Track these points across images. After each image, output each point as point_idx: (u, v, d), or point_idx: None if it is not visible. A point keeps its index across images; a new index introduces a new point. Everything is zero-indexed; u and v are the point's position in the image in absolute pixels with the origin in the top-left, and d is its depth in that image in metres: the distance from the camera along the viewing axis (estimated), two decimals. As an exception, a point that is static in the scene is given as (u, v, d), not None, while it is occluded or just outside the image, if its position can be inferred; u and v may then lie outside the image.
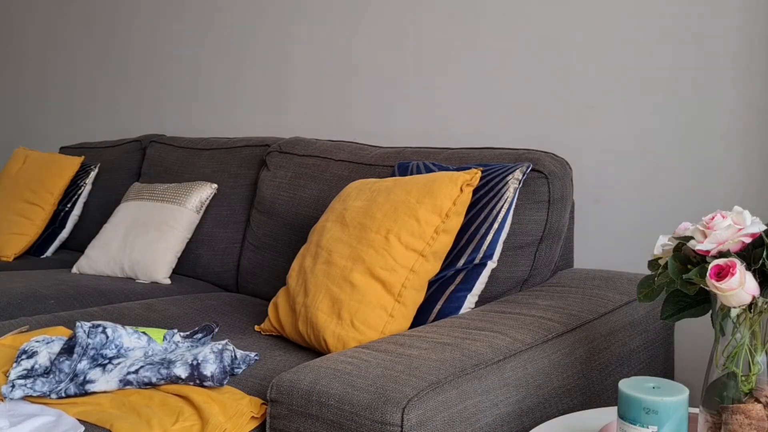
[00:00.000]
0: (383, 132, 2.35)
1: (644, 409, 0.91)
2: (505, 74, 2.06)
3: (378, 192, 1.57)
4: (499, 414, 1.16)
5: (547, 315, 1.40)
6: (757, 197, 1.68)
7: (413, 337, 1.28)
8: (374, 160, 1.96)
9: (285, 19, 2.63)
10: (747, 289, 0.92)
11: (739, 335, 0.96)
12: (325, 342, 1.44)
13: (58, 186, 2.79)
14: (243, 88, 2.80)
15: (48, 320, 1.71)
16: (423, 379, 1.09)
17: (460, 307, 1.49)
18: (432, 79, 2.22)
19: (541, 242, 1.63)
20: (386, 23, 2.33)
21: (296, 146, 2.18)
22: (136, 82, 3.25)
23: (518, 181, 1.56)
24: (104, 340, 1.37)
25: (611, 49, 1.87)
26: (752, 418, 0.93)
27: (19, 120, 3.91)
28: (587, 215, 1.93)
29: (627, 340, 1.47)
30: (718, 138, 1.73)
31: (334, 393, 1.10)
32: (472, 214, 1.55)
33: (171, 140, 2.67)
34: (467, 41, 2.13)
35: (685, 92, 1.77)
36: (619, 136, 1.87)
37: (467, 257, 1.52)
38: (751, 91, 1.68)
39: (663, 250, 1.07)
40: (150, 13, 3.18)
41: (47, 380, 1.31)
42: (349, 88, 2.45)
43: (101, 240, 2.36)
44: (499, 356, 1.21)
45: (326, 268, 1.51)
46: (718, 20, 1.71)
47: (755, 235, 0.97)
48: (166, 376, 1.30)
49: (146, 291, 2.12)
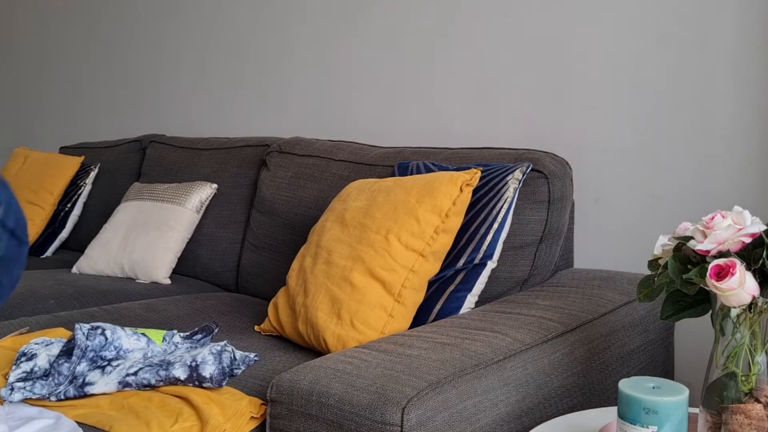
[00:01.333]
0: (383, 132, 2.35)
1: (644, 409, 0.91)
2: (505, 74, 2.06)
3: (378, 192, 1.57)
4: (499, 414, 1.16)
5: (547, 315, 1.40)
6: (757, 197, 1.68)
7: (413, 337, 1.28)
8: (374, 160, 1.95)
9: (285, 19, 2.63)
10: (747, 289, 0.92)
11: (739, 335, 0.96)
12: (324, 342, 1.44)
13: (58, 186, 2.79)
14: (243, 88, 2.80)
15: (48, 320, 1.71)
16: (423, 379, 1.09)
17: (460, 307, 1.49)
18: (432, 79, 2.22)
19: (541, 242, 1.63)
20: (386, 23, 2.33)
21: (296, 146, 2.18)
22: (136, 82, 3.25)
23: (518, 181, 1.56)
24: (103, 342, 1.37)
25: (611, 49, 1.87)
26: (752, 418, 0.93)
27: (19, 120, 3.91)
28: (587, 215, 1.92)
29: (627, 340, 1.47)
30: (718, 138, 1.73)
31: (334, 393, 1.10)
32: (472, 214, 1.55)
33: (171, 140, 2.67)
34: (467, 41, 2.13)
35: (685, 92, 1.76)
36: (619, 136, 1.87)
37: (467, 257, 1.52)
38: (751, 91, 1.68)
39: (663, 250, 1.07)
40: (150, 13, 3.17)
41: (46, 383, 1.30)
42: (349, 88, 2.44)
43: (101, 240, 2.36)
44: (499, 356, 1.21)
45: (326, 268, 1.51)
46: (718, 20, 1.71)
47: (755, 235, 0.96)
48: (165, 377, 1.30)
49: (146, 291, 2.12)
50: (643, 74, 1.82)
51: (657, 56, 1.80)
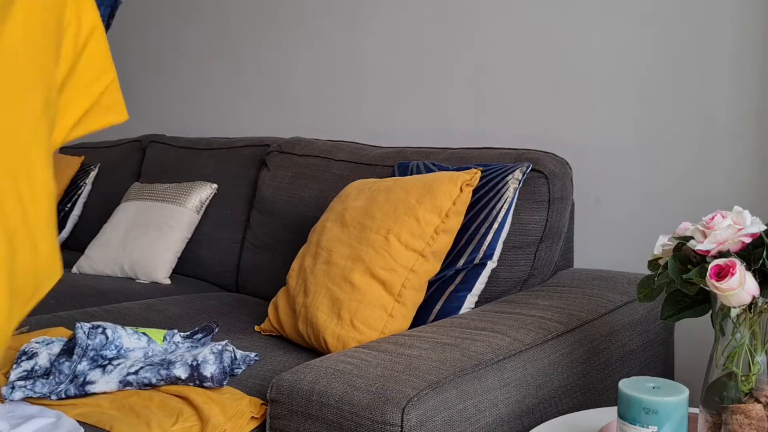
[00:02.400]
0: (383, 132, 2.35)
1: (644, 409, 0.91)
2: (505, 74, 2.06)
3: (378, 192, 1.57)
4: (499, 414, 1.16)
5: (547, 315, 1.40)
6: (757, 197, 1.68)
7: (413, 337, 1.28)
8: (374, 160, 1.95)
9: (285, 18, 2.63)
10: (747, 289, 0.92)
11: (739, 335, 0.96)
12: (325, 342, 1.44)
13: (57, 186, 2.79)
14: (243, 88, 2.80)
15: (48, 320, 1.71)
16: (423, 379, 1.09)
17: (460, 307, 1.49)
18: (432, 79, 2.22)
19: (541, 242, 1.63)
20: (386, 23, 2.33)
21: (296, 146, 2.18)
22: (137, 82, 3.25)
23: (518, 181, 1.56)
24: (104, 341, 1.37)
25: (611, 49, 1.87)
26: (752, 418, 0.93)
27: (19, 120, 3.91)
28: (587, 215, 1.93)
29: (627, 340, 1.47)
30: (718, 138, 1.73)
31: (334, 393, 1.10)
32: (472, 214, 1.55)
33: (171, 140, 2.67)
34: (467, 41, 2.13)
35: (685, 92, 1.77)
36: (619, 136, 1.87)
37: (467, 257, 1.52)
38: (751, 91, 1.68)
39: (663, 250, 1.07)
40: (150, 13, 3.18)
41: (47, 381, 1.30)
42: (349, 88, 2.45)
43: (101, 240, 2.36)
44: (499, 356, 1.21)
45: (326, 268, 1.51)
46: (718, 20, 1.71)
47: (755, 235, 0.97)
48: (165, 376, 1.30)
49: (146, 291, 2.12)
50: (643, 74, 1.82)
51: (657, 56, 1.80)
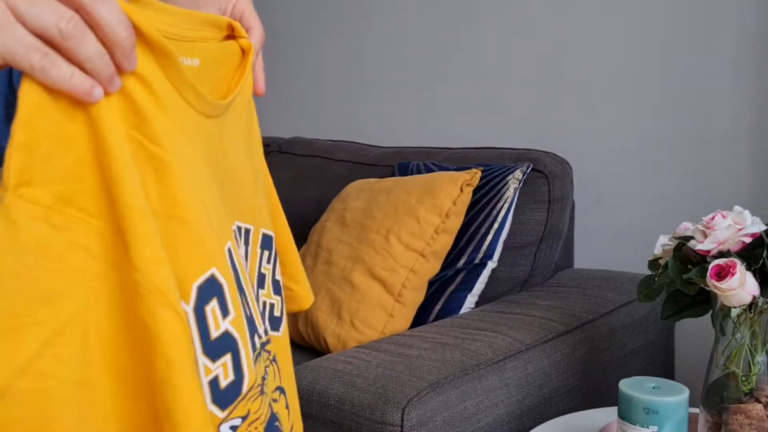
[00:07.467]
0: (383, 132, 2.35)
1: (644, 409, 0.91)
2: (505, 74, 2.06)
3: (378, 192, 1.57)
4: (499, 414, 1.16)
5: (547, 315, 1.40)
6: (757, 197, 1.68)
7: (413, 337, 1.28)
8: (374, 160, 1.95)
9: (285, 18, 2.63)
10: (747, 289, 0.92)
11: (739, 335, 0.96)
12: (325, 342, 1.44)
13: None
14: (243, 88, 2.79)
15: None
16: (423, 379, 1.09)
17: (460, 307, 1.49)
18: (432, 79, 2.22)
19: (541, 242, 1.63)
20: (387, 23, 2.33)
21: (296, 146, 2.18)
22: (136, 82, 3.25)
23: (518, 181, 1.56)
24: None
25: (611, 49, 1.87)
26: (752, 418, 0.93)
27: (19, 120, 3.91)
28: (587, 215, 1.92)
29: (627, 341, 1.47)
30: (719, 138, 1.73)
31: (334, 393, 1.10)
32: (472, 214, 1.55)
33: (171, 140, 2.67)
34: (467, 41, 2.13)
35: (686, 92, 1.77)
36: (620, 136, 1.87)
37: (467, 257, 1.52)
38: (751, 91, 1.68)
39: (663, 250, 1.07)
40: (150, 13, 3.17)
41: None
42: (350, 88, 2.44)
43: (101, 240, 2.35)
44: (499, 356, 1.21)
45: (326, 268, 1.51)
46: (718, 21, 1.71)
47: (755, 235, 0.96)
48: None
49: (146, 291, 2.12)
50: (643, 74, 1.82)
51: (657, 56, 1.80)
